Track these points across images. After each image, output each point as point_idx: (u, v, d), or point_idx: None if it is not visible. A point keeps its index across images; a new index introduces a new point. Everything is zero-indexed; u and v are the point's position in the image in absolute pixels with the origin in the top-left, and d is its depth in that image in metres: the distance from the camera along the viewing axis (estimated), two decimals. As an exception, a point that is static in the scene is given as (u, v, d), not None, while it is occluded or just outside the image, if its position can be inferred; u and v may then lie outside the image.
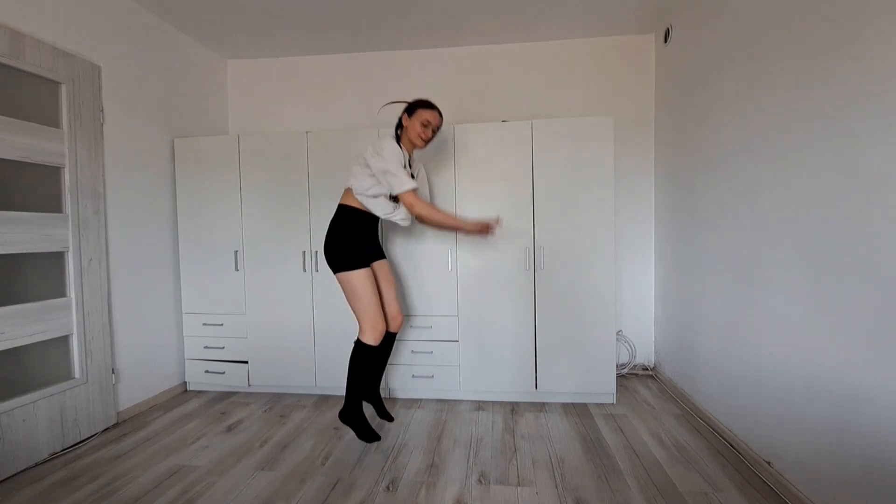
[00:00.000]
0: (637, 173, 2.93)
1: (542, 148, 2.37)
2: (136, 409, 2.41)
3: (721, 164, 2.04)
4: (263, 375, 2.65)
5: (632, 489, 1.65)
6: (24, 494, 1.67)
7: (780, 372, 1.62)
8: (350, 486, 1.69)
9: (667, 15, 2.61)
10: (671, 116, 2.63)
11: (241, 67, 3.25)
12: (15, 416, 1.82)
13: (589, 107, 2.93)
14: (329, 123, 3.16)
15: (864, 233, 1.25)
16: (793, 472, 1.56)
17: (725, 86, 2.00)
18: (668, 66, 2.68)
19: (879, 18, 1.21)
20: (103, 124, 2.23)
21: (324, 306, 2.56)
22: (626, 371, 2.90)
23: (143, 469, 1.84)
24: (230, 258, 2.64)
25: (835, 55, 1.36)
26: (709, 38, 2.17)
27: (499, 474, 1.76)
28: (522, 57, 2.99)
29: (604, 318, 2.36)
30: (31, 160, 1.89)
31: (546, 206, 2.38)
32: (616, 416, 2.28)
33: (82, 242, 2.09)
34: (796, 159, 1.53)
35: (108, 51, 2.27)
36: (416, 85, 3.08)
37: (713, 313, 2.12)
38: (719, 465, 1.80)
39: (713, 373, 2.12)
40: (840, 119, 1.34)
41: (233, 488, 1.69)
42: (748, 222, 1.82)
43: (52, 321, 1.97)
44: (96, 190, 2.17)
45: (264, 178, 2.59)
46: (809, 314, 1.47)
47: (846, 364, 1.32)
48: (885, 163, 1.18)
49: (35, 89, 1.95)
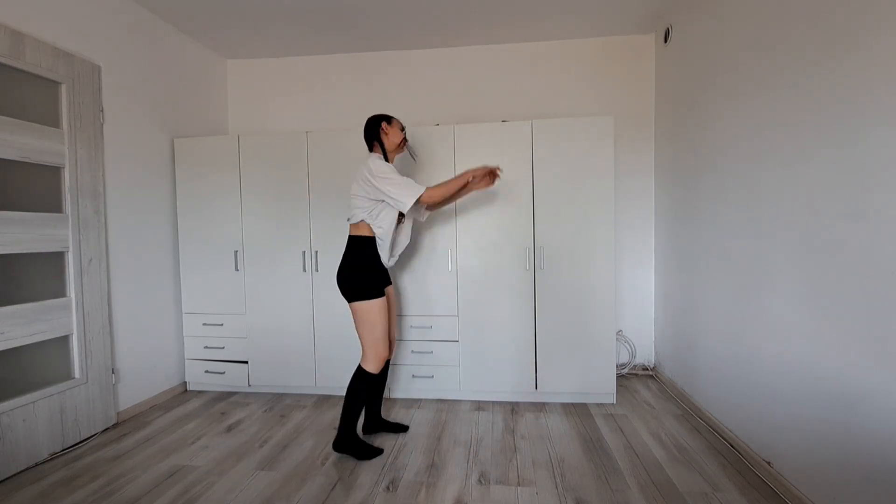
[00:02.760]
0: (637, 173, 2.92)
1: (542, 148, 2.37)
2: (136, 409, 2.41)
3: (721, 164, 2.04)
4: (263, 375, 2.65)
5: (632, 489, 1.65)
6: (24, 494, 1.67)
7: (780, 372, 1.62)
8: (350, 486, 1.69)
9: (667, 15, 2.61)
10: (671, 116, 2.63)
11: (241, 67, 3.25)
12: (15, 416, 1.82)
13: (589, 107, 2.93)
14: (329, 123, 3.16)
15: (865, 233, 1.25)
16: (793, 472, 1.56)
17: (725, 85, 2.00)
18: (668, 66, 2.68)
19: (880, 18, 1.21)
20: (103, 124, 2.23)
21: (324, 306, 2.56)
22: (626, 371, 2.90)
23: (143, 469, 1.84)
24: (230, 258, 2.64)
25: (835, 55, 1.36)
26: (709, 38, 2.17)
27: (499, 474, 1.76)
28: (522, 57, 2.99)
29: (604, 318, 2.36)
30: (31, 160, 1.89)
31: (546, 206, 2.38)
32: (616, 416, 2.28)
33: (82, 242, 2.09)
34: (796, 159, 1.53)
35: (108, 51, 2.27)
36: (416, 85, 3.08)
37: (713, 313, 2.12)
38: (719, 465, 1.80)
39: (713, 373, 2.12)
40: (840, 119, 1.34)
41: (233, 488, 1.69)
42: (748, 222, 1.82)
43: (52, 321, 1.97)
44: (96, 190, 2.17)
45: (264, 178, 2.59)
46: (809, 314, 1.47)
47: (846, 364, 1.32)
48: (886, 162, 1.18)
49: (35, 89, 1.95)
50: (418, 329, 2.50)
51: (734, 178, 1.93)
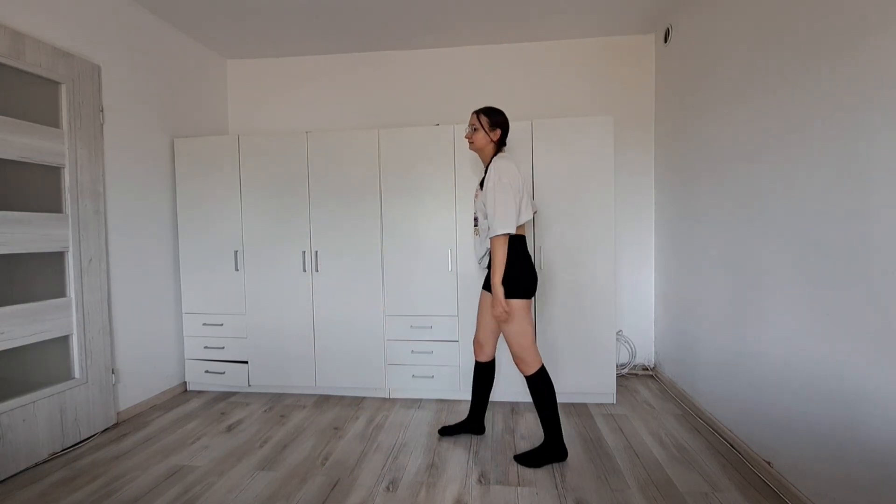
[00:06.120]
0: (637, 173, 2.92)
1: (542, 148, 2.37)
2: (136, 409, 2.41)
3: (721, 164, 2.04)
4: (263, 375, 2.64)
5: (632, 489, 1.65)
6: (24, 494, 1.67)
7: (780, 372, 1.62)
8: (350, 486, 1.69)
9: (667, 15, 2.61)
10: (671, 116, 2.63)
11: (241, 67, 3.25)
12: (15, 416, 1.82)
13: (589, 107, 2.93)
14: (329, 123, 3.16)
15: (865, 232, 1.25)
16: (793, 472, 1.56)
17: (725, 86, 2.00)
18: (668, 66, 2.68)
19: (879, 18, 1.21)
20: (103, 124, 2.23)
21: (324, 306, 2.56)
22: (626, 371, 2.90)
23: (143, 469, 1.84)
24: (230, 258, 2.64)
25: (835, 55, 1.36)
26: (709, 38, 2.17)
27: (499, 474, 1.76)
28: (522, 57, 2.99)
29: (604, 318, 2.36)
30: (31, 160, 1.88)
31: (546, 205, 2.37)
32: (616, 416, 2.28)
33: (82, 242, 2.09)
34: (796, 159, 1.53)
35: (108, 51, 2.27)
36: (415, 85, 3.08)
37: (713, 313, 2.12)
38: (719, 465, 1.80)
39: (713, 373, 2.12)
40: (840, 119, 1.34)
41: (233, 488, 1.69)
42: (748, 222, 1.82)
43: (52, 321, 1.97)
44: (96, 190, 2.17)
45: (264, 178, 2.58)
46: (809, 314, 1.47)
47: (846, 364, 1.32)
48: (886, 162, 1.18)
49: (35, 89, 1.95)
50: (418, 329, 2.50)
51: (734, 178, 1.93)
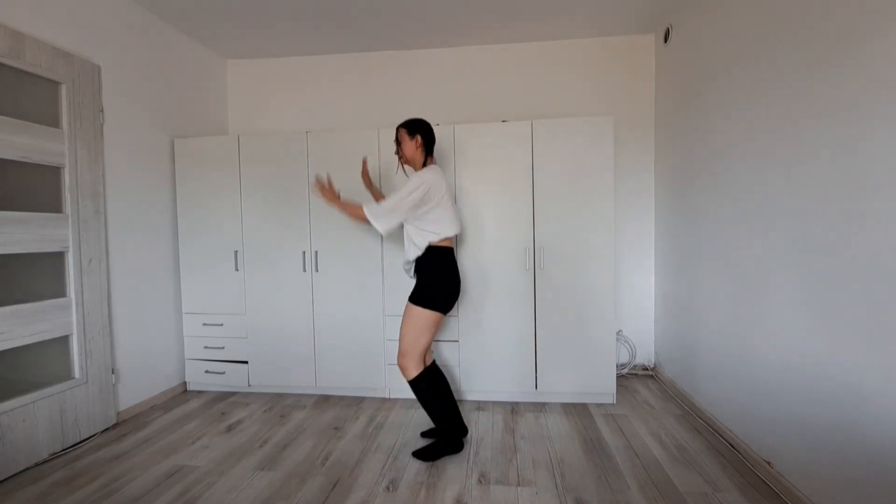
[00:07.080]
0: (637, 173, 2.92)
1: (542, 148, 2.37)
2: (136, 409, 2.41)
3: (721, 164, 2.04)
4: (263, 375, 2.64)
5: (632, 489, 1.65)
6: (24, 494, 1.67)
7: (780, 372, 1.62)
8: (350, 486, 1.69)
9: (667, 15, 2.61)
10: (671, 116, 2.63)
11: (240, 67, 3.25)
12: (15, 416, 1.82)
13: (589, 107, 2.93)
14: (329, 123, 3.16)
15: (864, 233, 1.25)
16: (793, 472, 1.56)
17: (725, 86, 2.00)
18: (668, 66, 2.68)
19: (879, 20, 1.21)
20: (103, 124, 2.23)
21: (324, 306, 2.56)
22: (626, 371, 2.90)
23: (143, 469, 1.84)
24: (230, 258, 2.64)
25: (835, 55, 1.36)
26: (709, 38, 2.17)
27: (499, 474, 1.76)
28: (522, 57, 2.99)
29: (604, 318, 2.36)
30: (31, 160, 1.88)
31: (546, 206, 2.38)
32: (616, 417, 2.28)
33: (82, 242, 2.09)
34: (796, 159, 1.53)
35: (108, 51, 2.27)
36: (416, 85, 3.08)
37: (713, 313, 2.12)
38: (719, 465, 1.80)
39: (713, 373, 2.12)
40: (840, 119, 1.34)
41: (233, 488, 1.69)
42: (748, 222, 1.82)
43: (52, 321, 1.97)
44: (96, 190, 2.17)
45: (264, 178, 2.58)
46: (809, 314, 1.47)
47: (846, 364, 1.32)
48: (885, 163, 1.18)
49: (35, 89, 1.95)
50: (418, 329, 2.49)
51: (734, 178, 1.93)
